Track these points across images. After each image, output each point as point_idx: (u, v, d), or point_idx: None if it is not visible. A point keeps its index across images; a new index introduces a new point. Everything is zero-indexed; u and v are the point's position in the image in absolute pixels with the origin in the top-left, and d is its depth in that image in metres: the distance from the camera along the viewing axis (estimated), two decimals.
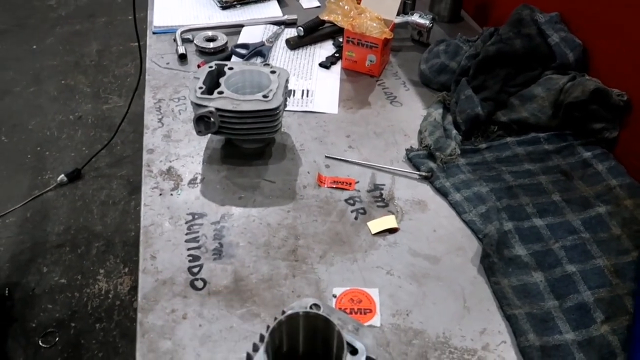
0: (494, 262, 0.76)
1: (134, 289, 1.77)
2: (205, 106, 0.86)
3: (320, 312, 0.56)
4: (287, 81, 0.92)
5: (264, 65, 0.95)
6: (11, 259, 1.86)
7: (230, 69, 0.93)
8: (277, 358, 0.56)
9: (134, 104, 2.01)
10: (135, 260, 1.85)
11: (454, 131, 0.97)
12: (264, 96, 0.87)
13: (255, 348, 0.55)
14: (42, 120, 2.45)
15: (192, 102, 0.87)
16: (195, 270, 0.75)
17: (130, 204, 2.07)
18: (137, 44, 1.54)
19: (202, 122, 0.88)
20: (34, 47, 2.97)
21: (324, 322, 0.55)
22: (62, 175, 2.11)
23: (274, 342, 0.55)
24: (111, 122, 2.43)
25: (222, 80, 0.91)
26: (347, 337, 0.55)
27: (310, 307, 0.57)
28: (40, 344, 1.62)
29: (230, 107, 0.85)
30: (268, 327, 0.53)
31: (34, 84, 2.68)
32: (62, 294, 1.76)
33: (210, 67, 0.93)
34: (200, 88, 0.87)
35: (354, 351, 0.56)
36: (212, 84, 0.91)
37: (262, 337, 0.56)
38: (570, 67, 1.00)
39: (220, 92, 0.88)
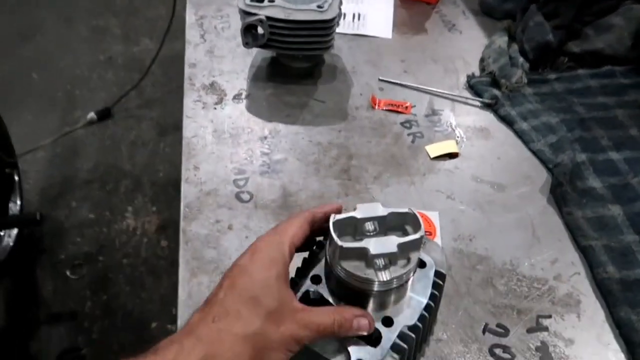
0: (566, 192, 0.69)
1: (161, 228, 1.75)
2: (255, 14, 0.79)
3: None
4: None
5: None
6: (41, 192, 1.85)
7: None
8: None
9: (164, 47, 1.95)
10: (163, 200, 1.82)
11: (521, 59, 0.89)
12: (319, 6, 0.79)
13: (299, 273, 0.50)
14: (72, 60, 2.41)
15: (240, 10, 0.80)
16: (241, 183, 0.70)
17: (159, 145, 2.03)
18: None
19: (250, 33, 0.81)
20: None
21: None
22: (92, 113, 2.08)
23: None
24: (141, 64, 2.37)
25: None
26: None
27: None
28: (69, 275, 1.63)
29: (282, 16, 0.78)
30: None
31: (65, 24, 2.63)
32: (90, 229, 1.75)
33: None
34: None
35: (421, 264, 0.51)
36: None
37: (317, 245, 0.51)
38: None
39: (272, 0, 0.80)
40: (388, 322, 0.47)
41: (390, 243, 0.45)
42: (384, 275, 0.44)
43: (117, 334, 1.51)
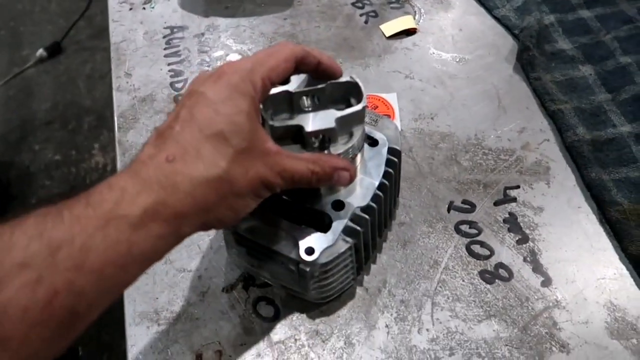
0: (534, 57, 0.63)
1: None
2: None
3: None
4: None
5: None
6: (1, 138, 1.77)
7: None
8: None
9: None
10: None
11: None
12: None
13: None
14: None
15: None
16: (179, 85, 0.64)
17: None
18: None
19: None
20: None
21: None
22: (41, 49, 1.94)
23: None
24: None
25: None
26: (365, 128, 0.44)
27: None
28: None
29: None
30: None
31: None
32: (58, 170, 1.68)
33: None
34: None
35: (373, 142, 0.47)
36: None
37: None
38: None
39: None
40: (339, 205, 0.42)
41: (328, 117, 0.39)
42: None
43: None
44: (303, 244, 0.41)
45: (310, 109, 0.41)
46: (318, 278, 0.42)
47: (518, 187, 0.54)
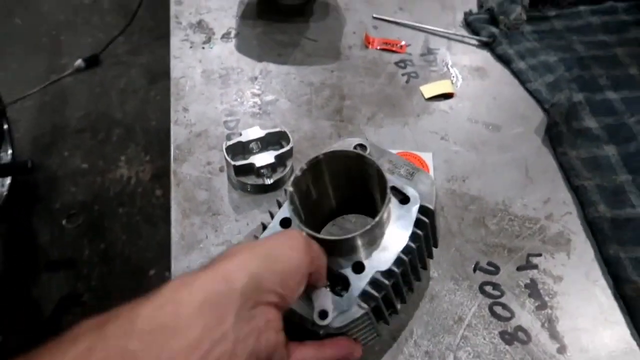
0: (561, 132, 0.68)
1: (155, 176, 1.74)
2: None
3: (366, 153, 0.47)
4: None
5: None
6: (32, 141, 1.83)
7: None
8: (308, 212, 0.48)
9: None
10: (156, 149, 1.81)
11: None
12: None
13: (272, 215, 0.48)
14: (55, 4, 2.31)
15: None
16: (232, 124, 0.69)
17: (150, 93, 1.99)
18: None
19: None
20: None
21: (359, 161, 0.45)
22: (80, 60, 2.02)
23: (300, 193, 0.46)
24: (127, 9, 2.28)
25: None
26: (397, 182, 0.46)
27: (355, 148, 0.49)
28: (65, 224, 1.63)
29: None
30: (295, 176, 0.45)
31: None
32: (83, 178, 1.74)
33: None
34: None
35: (404, 199, 0.45)
36: None
37: (279, 203, 0.49)
38: None
39: None
40: (358, 268, 0.42)
41: (270, 156, 0.60)
42: (269, 181, 0.60)
43: (116, 281, 1.53)
44: (318, 305, 0.40)
45: (257, 151, 0.61)
46: (334, 336, 0.42)
47: (540, 255, 0.58)
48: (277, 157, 0.60)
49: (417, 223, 0.44)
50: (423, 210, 0.45)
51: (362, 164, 0.45)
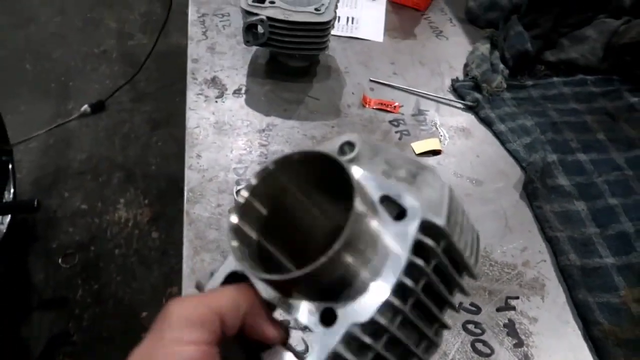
0: (537, 188, 0.76)
1: (153, 220, 1.79)
2: (256, 14, 0.84)
3: (354, 150, 0.33)
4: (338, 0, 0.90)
5: None
6: (34, 181, 1.88)
7: None
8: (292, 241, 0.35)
9: (158, 44, 1.99)
10: (155, 193, 1.86)
11: (501, 66, 0.96)
12: (316, 9, 0.85)
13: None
14: (66, 51, 2.43)
15: (242, 10, 0.86)
16: (241, 171, 0.76)
17: (152, 140, 2.07)
18: None
19: (251, 32, 0.87)
20: None
21: (325, 165, 0.30)
22: (86, 105, 2.11)
23: (258, 221, 0.34)
24: (135, 59, 2.41)
25: None
26: (391, 189, 0.31)
27: (341, 147, 0.34)
28: (61, 263, 1.66)
29: (281, 17, 0.84)
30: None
31: (59, 15, 2.65)
32: (82, 219, 1.78)
33: None
34: None
35: (400, 214, 0.30)
36: None
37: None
38: (626, 11, 0.97)
39: (272, 2, 0.86)
40: (328, 318, 0.29)
41: None
42: None
43: (108, 322, 1.55)
44: None
45: None
46: None
47: (517, 297, 0.64)
48: None
49: (419, 248, 0.29)
50: (427, 227, 0.30)
51: (334, 168, 0.30)
